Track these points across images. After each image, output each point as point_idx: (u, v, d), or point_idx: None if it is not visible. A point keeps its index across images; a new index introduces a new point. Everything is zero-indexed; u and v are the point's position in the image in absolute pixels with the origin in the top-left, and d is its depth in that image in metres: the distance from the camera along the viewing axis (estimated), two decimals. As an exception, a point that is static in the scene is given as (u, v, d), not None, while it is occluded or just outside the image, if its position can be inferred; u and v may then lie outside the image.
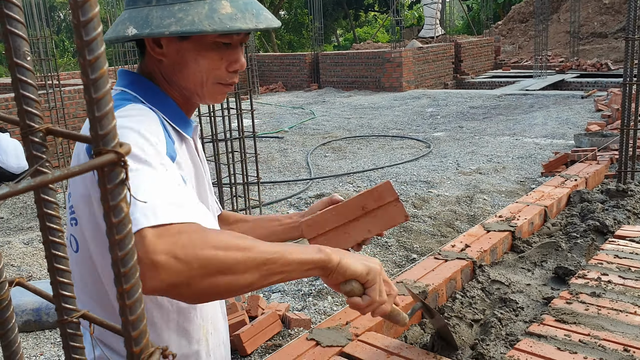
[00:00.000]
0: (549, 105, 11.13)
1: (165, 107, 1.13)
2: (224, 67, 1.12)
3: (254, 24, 1.07)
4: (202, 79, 1.12)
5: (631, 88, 2.86)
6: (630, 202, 2.16)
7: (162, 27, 1.04)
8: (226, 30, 1.04)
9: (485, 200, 5.84)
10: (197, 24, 1.04)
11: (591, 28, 17.86)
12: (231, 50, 1.12)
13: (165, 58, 1.11)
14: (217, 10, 1.05)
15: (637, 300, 1.44)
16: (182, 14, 1.05)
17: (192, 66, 1.11)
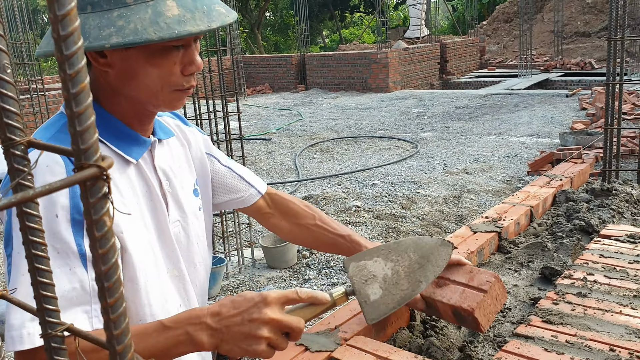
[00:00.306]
0: (534, 104, 11.22)
1: (107, 129, 1.03)
2: (179, 72, 1.01)
3: (205, 24, 0.95)
4: (155, 89, 1.01)
5: (614, 87, 2.89)
6: (615, 201, 2.18)
7: (102, 39, 0.91)
8: (175, 37, 0.92)
9: (472, 200, 5.87)
10: (141, 32, 0.91)
11: (575, 27, 18.05)
12: (185, 52, 1.01)
13: (111, 69, 1.00)
14: (163, 13, 0.93)
15: (622, 300, 1.45)
16: (122, 21, 0.92)
17: (142, 76, 0.99)
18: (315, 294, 1.03)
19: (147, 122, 1.09)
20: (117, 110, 1.04)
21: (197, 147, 1.26)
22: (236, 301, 0.96)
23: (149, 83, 1.00)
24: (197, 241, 1.18)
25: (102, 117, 1.03)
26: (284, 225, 1.39)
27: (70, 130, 0.45)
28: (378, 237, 5.16)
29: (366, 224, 5.51)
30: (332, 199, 6.28)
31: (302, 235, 1.39)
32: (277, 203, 1.40)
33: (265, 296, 0.97)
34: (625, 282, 1.54)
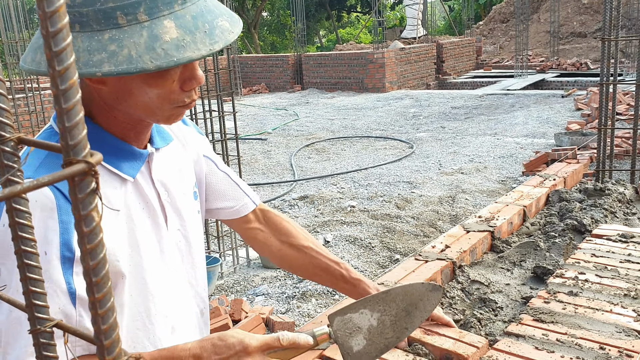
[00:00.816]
0: (530, 105, 11.26)
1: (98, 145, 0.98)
2: (179, 89, 0.95)
3: (207, 47, 0.87)
4: (154, 107, 0.95)
5: (608, 88, 2.90)
6: (608, 201, 2.20)
7: (92, 66, 0.83)
8: (173, 64, 0.84)
9: (467, 200, 5.89)
10: (136, 60, 0.83)
11: (571, 28, 18.10)
12: (184, 68, 0.94)
13: (104, 86, 0.93)
14: (159, 37, 0.85)
15: (612, 299, 1.46)
16: (114, 45, 0.83)
17: (139, 94, 0.93)
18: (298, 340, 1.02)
19: (144, 132, 1.05)
20: (112, 124, 0.99)
21: (194, 148, 1.23)
22: (217, 346, 0.95)
23: (147, 101, 0.94)
24: (196, 244, 1.17)
25: (97, 135, 0.98)
26: (273, 243, 1.33)
27: (59, 126, 0.45)
28: (373, 237, 5.17)
29: (361, 224, 5.52)
30: (327, 199, 6.29)
31: (292, 256, 1.34)
32: (269, 219, 1.35)
33: (246, 345, 0.96)
34: (616, 281, 1.55)
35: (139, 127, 1.02)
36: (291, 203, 6.28)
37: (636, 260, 1.68)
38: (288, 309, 3.99)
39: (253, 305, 3.96)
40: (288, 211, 6.03)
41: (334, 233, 5.33)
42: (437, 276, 1.68)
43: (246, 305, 3.48)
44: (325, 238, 5.15)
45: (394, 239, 5.13)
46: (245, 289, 4.37)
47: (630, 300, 1.46)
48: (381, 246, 5.07)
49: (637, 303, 1.44)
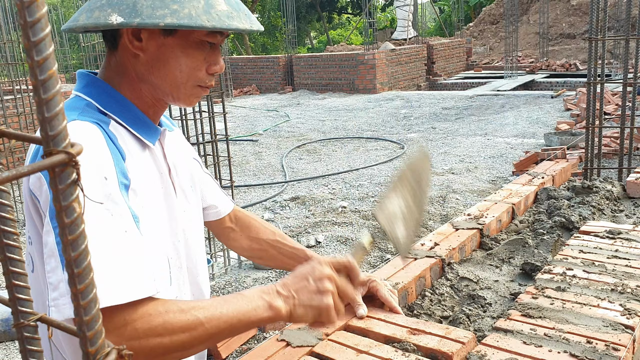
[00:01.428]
0: (520, 105, 11.32)
1: (125, 113, 1.05)
2: (205, 69, 1.06)
3: (248, 24, 1.03)
4: (181, 80, 1.05)
5: (595, 87, 2.93)
6: (595, 199, 2.21)
7: (156, 18, 0.95)
8: (225, 28, 0.99)
9: (457, 200, 5.91)
10: (195, 18, 0.96)
11: (560, 29, 18.22)
12: (213, 52, 1.07)
13: (143, 53, 1.03)
14: (214, 6, 0.99)
15: (600, 294, 1.47)
16: (177, 5, 0.97)
17: (173, 65, 1.03)
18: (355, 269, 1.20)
19: (161, 112, 1.14)
20: (136, 96, 1.07)
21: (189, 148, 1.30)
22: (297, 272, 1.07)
23: (177, 73, 1.04)
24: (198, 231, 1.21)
25: (122, 102, 1.06)
26: (244, 241, 1.41)
27: (39, 117, 0.45)
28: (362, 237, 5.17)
29: (352, 225, 5.53)
30: (318, 200, 6.29)
31: (260, 250, 1.41)
32: (239, 218, 1.42)
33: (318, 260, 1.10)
34: (603, 276, 1.57)
35: (158, 105, 1.11)
36: (282, 204, 6.28)
37: (623, 256, 1.69)
38: (279, 309, 3.99)
39: (244, 306, 3.96)
40: (279, 212, 6.03)
41: (325, 234, 5.34)
42: (426, 273, 1.68)
43: (237, 306, 3.47)
44: (317, 239, 5.16)
45: (384, 239, 5.14)
46: (237, 290, 4.36)
47: (617, 295, 1.47)
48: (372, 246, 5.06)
49: (624, 298, 1.45)
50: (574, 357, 1.22)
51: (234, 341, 3.00)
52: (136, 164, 1.03)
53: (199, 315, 0.91)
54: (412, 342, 1.27)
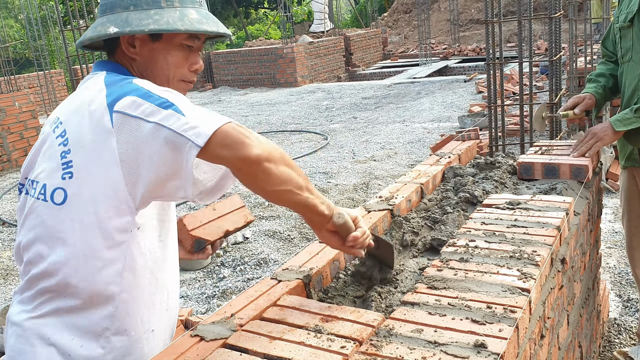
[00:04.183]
0: (435, 91, 11.70)
1: None
2: (187, 67, 1.35)
3: (216, 28, 1.33)
4: (169, 76, 1.33)
5: (494, 67, 3.07)
6: (498, 173, 2.33)
7: (142, 26, 1.26)
8: (196, 30, 1.29)
9: (380, 186, 6.05)
10: (172, 24, 1.27)
11: (469, 15, 18.96)
12: (193, 53, 1.36)
13: (138, 57, 1.33)
14: (187, 15, 1.30)
15: (499, 261, 1.56)
16: (157, 16, 1.28)
17: (162, 63, 1.32)
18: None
19: None
20: None
21: None
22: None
23: (165, 70, 1.33)
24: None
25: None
26: None
27: None
28: (292, 229, 5.20)
29: (280, 217, 5.54)
30: (244, 195, 6.25)
31: None
32: None
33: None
34: (503, 244, 1.66)
35: None
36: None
37: (521, 225, 1.80)
38: (208, 308, 3.94)
39: (172, 308, 3.88)
40: (204, 211, 5.94)
41: (253, 229, 5.32)
42: (340, 256, 1.72)
43: (163, 309, 3.39)
44: (244, 234, 5.13)
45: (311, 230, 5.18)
46: (164, 294, 4.27)
47: (515, 261, 1.56)
48: (300, 237, 5.11)
49: (521, 263, 1.55)
50: (475, 323, 1.28)
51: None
52: None
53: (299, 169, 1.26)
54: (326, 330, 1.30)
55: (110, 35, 1.27)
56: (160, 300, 1.38)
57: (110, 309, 1.26)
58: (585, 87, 2.58)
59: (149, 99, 1.15)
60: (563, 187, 2.17)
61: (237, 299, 1.51)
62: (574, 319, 2.05)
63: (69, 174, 1.21)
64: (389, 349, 1.21)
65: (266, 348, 1.25)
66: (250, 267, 4.51)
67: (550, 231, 1.73)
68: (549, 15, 2.96)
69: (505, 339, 1.22)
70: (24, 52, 24.79)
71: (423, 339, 1.24)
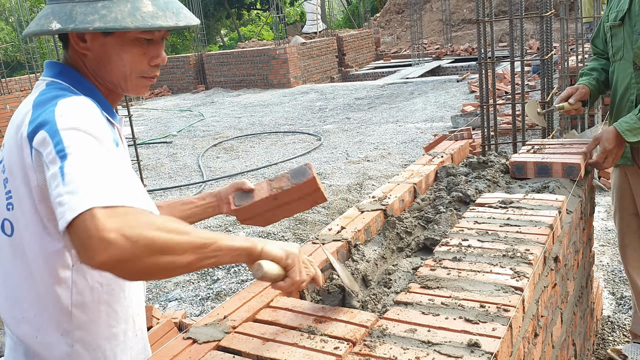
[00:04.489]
0: (428, 91, 11.72)
1: (95, 97, 1.19)
2: (146, 62, 1.20)
3: (174, 21, 1.16)
4: (125, 73, 1.19)
5: (486, 66, 3.08)
6: (490, 172, 2.33)
7: (86, 23, 1.10)
8: (147, 27, 1.12)
9: (374, 186, 6.05)
10: (120, 20, 1.11)
11: (461, 15, 19.01)
12: (153, 46, 1.20)
13: (89, 52, 1.18)
14: (139, 8, 1.13)
15: (492, 260, 1.56)
16: (105, 10, 1.11)
17: (116, 61, 1.18)
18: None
19: (116, 102, 1.29)
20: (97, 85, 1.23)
21: None
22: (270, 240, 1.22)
23: (120, 67, 1.18)
24: None
25: (91, 89, 1.20)
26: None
27: None
28: (285, 231, 5.19)
29: (273, 219, 5.52)
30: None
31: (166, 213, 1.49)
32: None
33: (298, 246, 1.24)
34: (496, 243, 1.66)
35: (113, 95, 1.26)
36: (200, 205, 6.18)
37: (514, 224, 1.80)
38: (203, 310, 3.93)
39: (165, 311, 3.86)
40: (198, 213, 5.92)
41: (247, 230, 5.30)
42: (333, 257, 1.71)
43: (157, 312, 3.38)
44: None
45: (306, 230, 5.18)
46: (158, 296, 4.25)
47: (508, 259, 1.56)
48: (294, 238, 5.10)
49: (514, 262, 1.55)
50: (468, 322, 1.28)
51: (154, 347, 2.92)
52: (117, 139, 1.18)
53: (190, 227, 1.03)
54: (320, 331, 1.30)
55: (53, 32, 1.12)
56: (125, 330, 1.27)
57: (66, 348, 1.19)
58: (578, 80, 2.58)
59: (54, 140, 1.00)
60: (555, 186, 2.18)
61: (230, 300, 1.50)
62: (568, 317, 2.05)
63: (11, 204, 1.13)
64: (382, 349, 1.21)
65: (259, 350, 1.25)
66: (244, 269, 4.50)
67: (543, 229, 1.73)
68: (540, 14, 2.97)
69: (499, 338, 1.22)
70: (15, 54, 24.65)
71: (416, 339, 1.23)
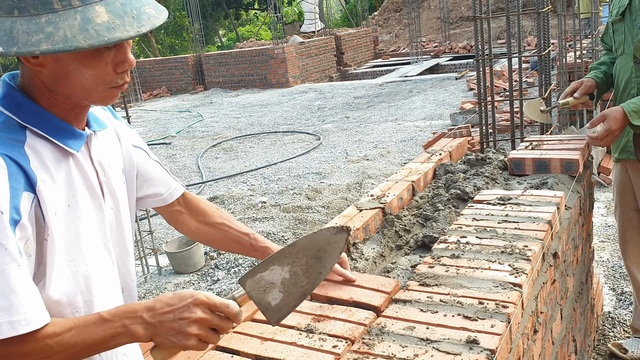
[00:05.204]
0: (427, 89, 11.72)
1: (45, 124, 1.05)
2: (112, 70, 1.04)
3: (135, 29, 0.98)
4: (90, 87, 1.04)
5: (484, 64, 3.08)
6: (489, 169, 2.33)
7: (31, 45, 0.92)
8: (105, 44, 0.95)
9: (373, 185, 6.05)
10: (71, 39, 0.93)
11: (459, 12, 19.00)
12: (117, 52, 1.03)
13: (43, 69, 1.02)
14: (91, 19, 0.95)
15: (491, 257, 1.56)
16: (51, 27, 0.93)
17: (76, 76, 1.02)
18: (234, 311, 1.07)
19: (83, 114, 1.13)
20: (53, 106, 1.06)
21: (126, 139, 1.30)
22: (170, 298, 1.03)
23: (83, 82, 1.02)
24: (127, 228, 1.25)
25: (40, 114, 1.05)
26: (192, 223, 1.46)
27: None
28: (285, 230, 5.19)
29: (273, 219, 5.53)
30: (238, 197, 6.24)
31: (208, 232, 1.47)
32: (187, 201, 1.47)
33: (196, 297, 1.03)
34: (494, 240, 1.66)
35: (78, 108, 1.10)
36: (200, 205, 6.18)
37: (513, 220, 1.80)
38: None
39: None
40: (197, 214, 5.92)
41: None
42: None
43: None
44: (238, 236, 5.11)
45: (306, 229, 5.18)
46: (158, 297, 4.25)
47: (507, 256, 1.56)
48: (294, 238, 5.10)
49: (513, 258, 1.55)
50: (467, 319, 1.28)
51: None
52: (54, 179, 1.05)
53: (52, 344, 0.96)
54: (318, 330, 1.30)
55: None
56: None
57: None
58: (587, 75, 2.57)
59: None
60: (554, 182, 2.17)
61: (228, 300, 1.50)
62: (568, 313, 2.05)
63: None
64: (381, 347, 1.21)
65: (258, 349, 1.25)
66: (244, 269, 4.50)
67: (541, 226, 1.73)
68: (537, 10, 2.97)
69: (498, 335, 1.22)
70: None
71: (415, 337, 1.23)
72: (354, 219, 1.92)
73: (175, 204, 1.44)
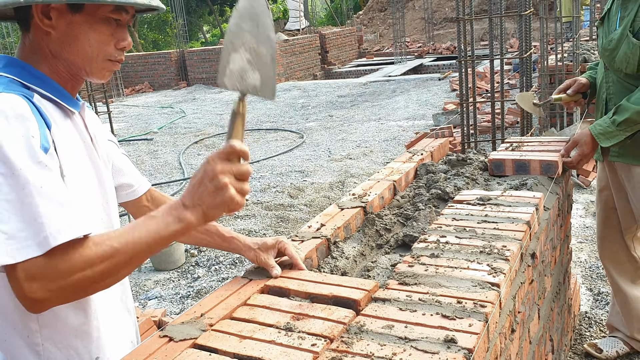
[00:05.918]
0: (410, 89, 11.77)
1: (46, 86, 1.14)
2: (113, 44, 1.16)
3: (147, 0, 1.15)
4: (91, 54, 1.14)
5: (466, 64, 3.10)
6: (469, 169, 2.35)
7: None
8: (124, 2, 1.09)
9: (356, 184, 6.06)
10: None
11: (443, 13, 19.11)
12: (120, 29, 1.17)
13: (54, 31, 1.11)
14: None
15: (470, 257, 1.57)
16: None
17: (83, 40, 1.12)
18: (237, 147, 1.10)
19: (78, 87, 1.23)
20: (53, 72, 1.15)
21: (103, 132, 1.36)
22: (192, 180, 1.09)
23: (87, 47, 1.13)
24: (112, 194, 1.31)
25: (41, 78, 1.14)
26: None
27: None
28: (267, 228, 5.18)
29: (255, 217, 5.51)
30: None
31: None
32: (154, 197, 1.51)
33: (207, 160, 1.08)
34: (473, 240, 1.67)
35: (74, 80, 1.19)
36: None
37: (492, 220, 1.81)
38: (183, 308, 3.90)
39: (145, 309, 3.83)
40: (178, 211, 5.88)
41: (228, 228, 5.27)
42: (312, 254, 1.71)
43: (136, 310, 3.35)
44: (219, 234, 5.08)
45: (288, 228, 5.17)
46: (137, 295, 4.22)
47: (485, 256, 1.57)
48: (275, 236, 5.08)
49: (491, 258, 1.56)
50: (445, 318, 1.29)
51: (133, 346, 2.89)
52: (61, 132, 1.12)
53: (113, 244, 1.01)
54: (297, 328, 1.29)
55: (20, 4, 1.06)
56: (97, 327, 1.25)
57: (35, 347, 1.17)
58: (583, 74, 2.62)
59: None
60: (533, 183, 2.20)
61: (207, 298, 1.49)
62: (545, 313, 2.08)
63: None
64: (359, 345, 1.21)
65: (236, 348, 1.24)
66: (225, 267, 4.48)
67: (520, 226, 1.74)
68: (519, 13, 2.99)
69: (476, 334, 1.23)
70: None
71: (394, 335, 1.23)
72: (335, 218, 1.92)
73: (144, 200, 1.48)
